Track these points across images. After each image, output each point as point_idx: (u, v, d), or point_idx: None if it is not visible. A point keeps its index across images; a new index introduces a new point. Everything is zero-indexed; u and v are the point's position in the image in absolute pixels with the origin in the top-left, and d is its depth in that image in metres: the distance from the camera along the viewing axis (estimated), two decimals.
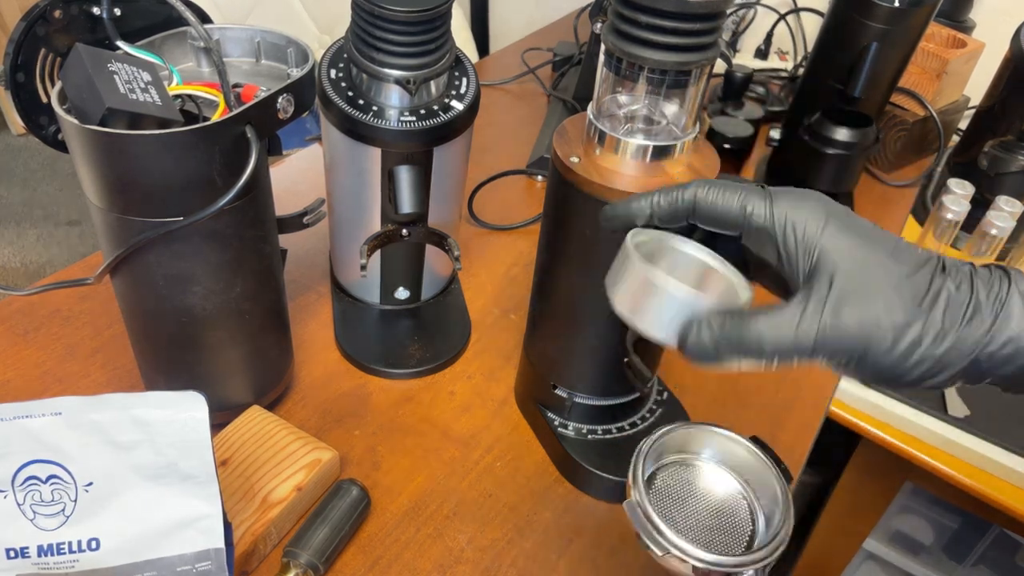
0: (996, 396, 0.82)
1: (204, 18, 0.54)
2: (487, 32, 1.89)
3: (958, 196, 0.90)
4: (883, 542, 1.11)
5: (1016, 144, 0.95)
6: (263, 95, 0.50)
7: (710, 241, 0.40)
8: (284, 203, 0.59)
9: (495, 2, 1.86)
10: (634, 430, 0.65)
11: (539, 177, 1.04)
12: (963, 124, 1.17)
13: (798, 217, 0.35)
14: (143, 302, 0.55)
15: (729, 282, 0.39)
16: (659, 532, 0.37)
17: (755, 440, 0.40)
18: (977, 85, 1.09)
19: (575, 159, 0.52)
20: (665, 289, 0.35)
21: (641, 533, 0.37)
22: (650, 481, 0.41)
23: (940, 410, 0.80)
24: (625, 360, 0.55)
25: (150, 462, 0.46)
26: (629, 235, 0.39)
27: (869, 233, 0.34)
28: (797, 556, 1.21)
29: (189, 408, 0.46)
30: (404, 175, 0.64)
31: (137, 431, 0.46)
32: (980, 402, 0.81)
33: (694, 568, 0.36)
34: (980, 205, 0.91)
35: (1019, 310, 0.31)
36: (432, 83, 0.62)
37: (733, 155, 1.04)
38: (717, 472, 0.42)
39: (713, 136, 1.03)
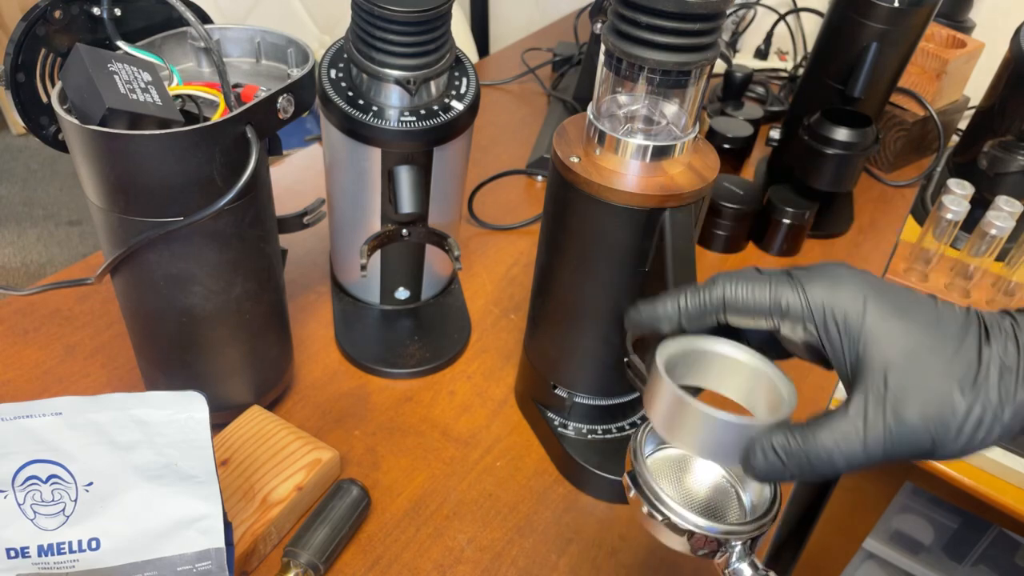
0: None
1: (204, 18, 0.54)
2: (487, 32, 1.89)
3: (958, 196, 0.90)
4: (883, 542, 1.11)
5: (1016, 144, 0.95)
6: (263, 95, 0.50)
7: (737, 332, 0.39)
8: (284, 203, 0.59)
9: (495, 2, 1.86)
10: (634, 430, 0.65)
11: (539, 177, 1.04)
12: (963, 124, 1.17)
13: (836, 304, 0.34)
14: (143, 302, 0.55)
15: (770, 380, 0.38)
16: (658, 499, 0.37)
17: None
18: (977, 85, 1.09)
19: (575, 159, 0.52)
20: (712, 417, 0.34)
21: (642, 500, 0.38)
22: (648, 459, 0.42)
23: None
24: (625, 360, 0.55)
25: (150, 462, 0.46)
26: (658, 355, 0.38)
27: (909, 308, 0.33)
28: (797, 555, 1.21)
29: (189, 408, 0.46)
30: (404, 175, 0.64)
31: (137, 431, 0.46)
32: None
33: (690, 534, 0.36)
34: (980, 205, 0.91)
35: None
36: (432, 83, 0.62)
37: (733, 155, 1.05)
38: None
39: (713, 136, 1.03)
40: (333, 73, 0.63)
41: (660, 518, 0.37)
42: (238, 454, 0.59)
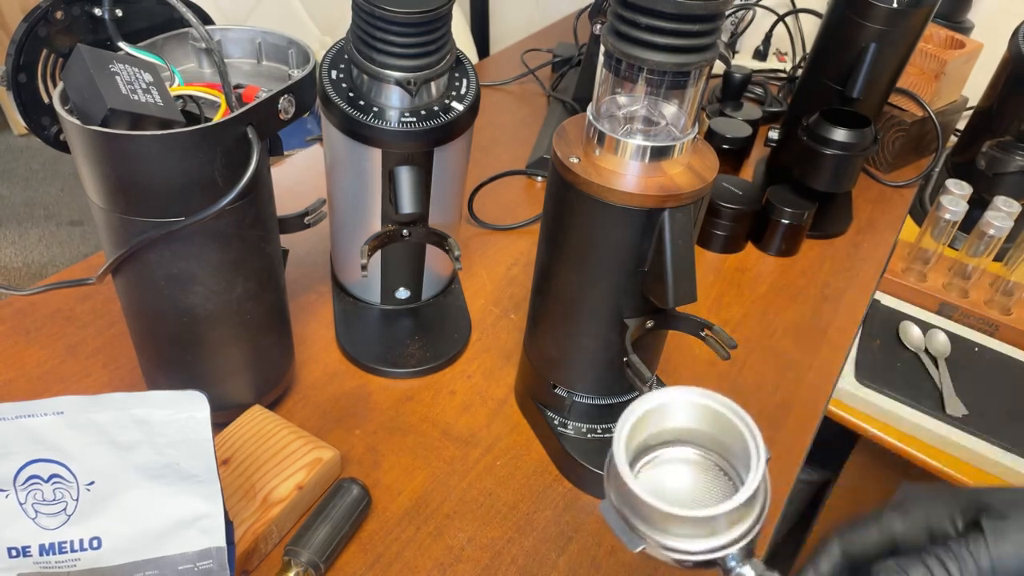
0: (994, 396, 0.82)
1: (205, 19, 0.54)
2: (487, 33, 1.89)
3: (956, 196, 0.90)
4: None
5: (1014, 144, 0.95)
6: (264, 96, 0.50)
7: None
8: (285, 203, 0.59)
9: (495, 3, 1.86)
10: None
11: (539, 177, 1.04)
12: (961, 124, 1.17)
13: None
14: (145, 302, 0.55)
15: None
16: (634, 530, 0.36)
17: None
18: (975, 86, 1.09)
19: (575, 159, 0.52)
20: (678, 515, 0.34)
21: (618, 532, 0.36)
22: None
23: (938, 409, 0.80)
24: (625, 360, 0.56)
25: (151, 461, 0.46)
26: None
27: None
28: (796, 554, 1.21)
29: (190, 408, 0.46)
30: (404, 175, 0.64)
31: (138, 431, 0.46)
32: (978, 402, 0.81)
33: (676, 560, 0.35)
34: (978, 205, 0.92)
35: None
36: (432, 84, 0.62)
37: (732, 155, 1.05)
38: (695, 464, 0.40)
39: (712, 137, 1.03)
40: (334, 74, 0.63)
41: (638, 549, 0.35)
42: (239, 453, 0.59)
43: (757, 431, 0.36)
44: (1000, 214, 0.87)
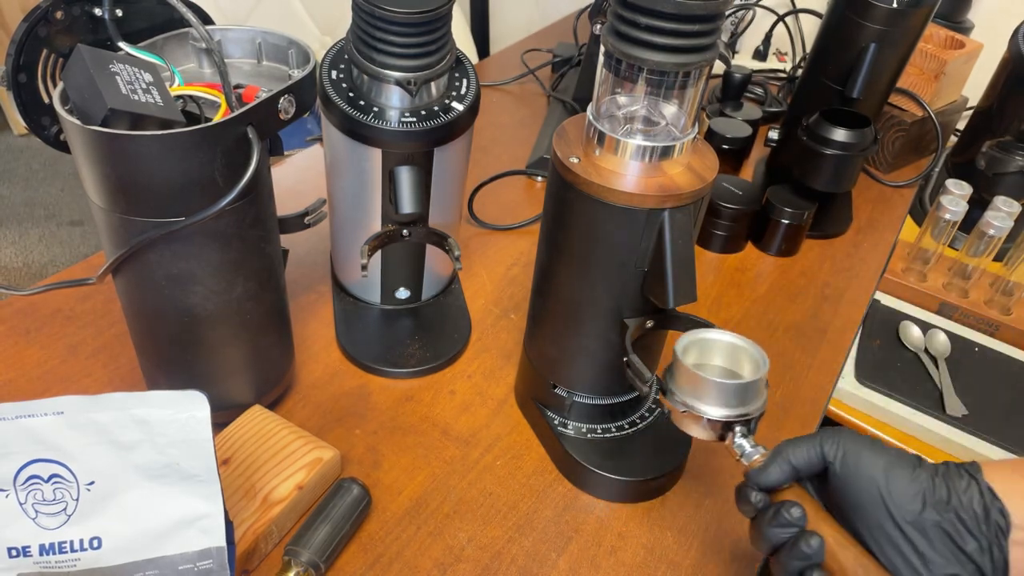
0: (994, 396, 0.82)
1: (205, 19, 0.54)
2: (487, 33, 1.89)
3: (956, 196, 0.90)
4: None
5: (1014, 144, 0.95)
6: (264, 96, 0.50)
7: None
8: (285, 203, 0.59)
9: (495, 3, 1.86)
10: (633, 429, 0.65)
11: (539, 177, 1.04)
12: (961, 124, 1.17)
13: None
14: (145, 302, 0.55)
15: (749, 352, 0.52)
16: (680, 400, 0.51)
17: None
18: (975, 86, 1.09)
19: (575, 159, 0.52)
20: (715, 382, 0.49)
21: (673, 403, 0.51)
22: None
23: (938, 409, 0.80)
24: (625, 360, 0.56)
25: (152, 461, 0.46)
26: (676, 346, 0.52)
27: None
28: None
29: (190, 408, 0.46)
30: (405, 175, 0.64)
31: (138, 430, 0.46)
32: (978, 402, 0.81)
33: (705, 421, 0.50)
34: (978, 205, 0.92)
35: None
36: (432, 84, 0.62)
37: (732, 155, 1.05)
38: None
39: (712, 137, 1.03)
40: (334, 74, 0.63)
41: (682, 410, 0.51)
42: (239, 453, 0.59)
43: (764, 354, 0.51)
44: (1000, 214, 0.87)
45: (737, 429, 0.50)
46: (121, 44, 0.51)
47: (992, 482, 0.43)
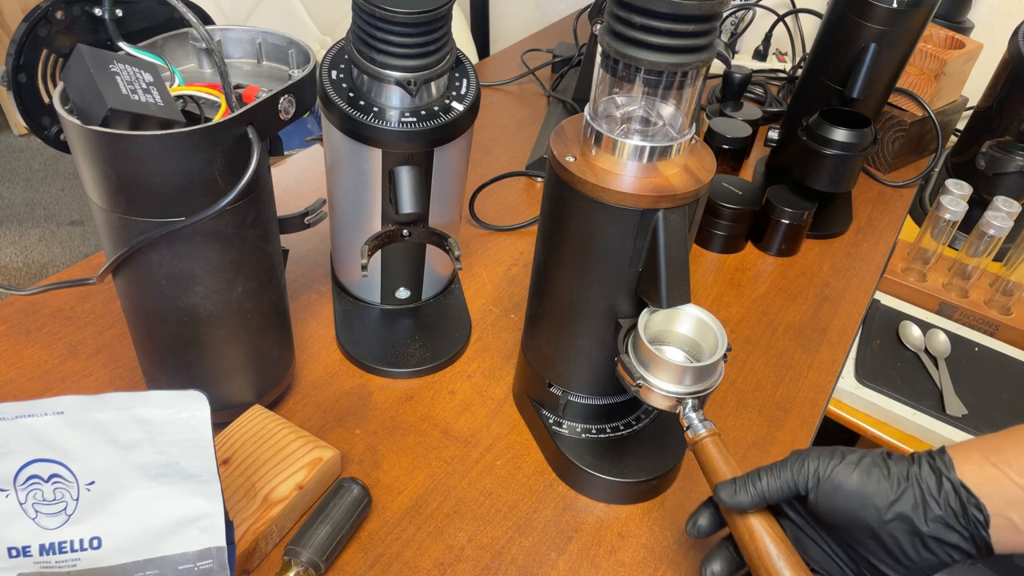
0: (994, 395, 0.82)
1: (206, 19, 0.54)
2: (487, 33, 1.89)
3: (956, 196, 0.90)
4: None
5: (1014, 144, 0.95)
6: (264, 96, 0.50)
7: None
8: (285, 203, 0.59)
9: (495, 3, 1.86)
10: (628, 431, 0.65)
11: (539, 178, 1.04)
12: (961, 124, 1.18)
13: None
14: (145, 302, 0.55)
15: (712, 329, 0.54)
16: (634, 374, 0.53)
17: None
18: (975, 86, 1.10)
19: (571, 159, 0.52)
20: (671, 362, 0.52)
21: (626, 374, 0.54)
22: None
23: (938, 409, 0.80)
24: (616, 359, 0.56)
25: (152, 461, 0.46)
26: (640, 320, 0.53)
27: None
28: None
29: (191, 407, 0.46)
30: (405, 176, 0.64)
31: (139, 430, 0.46)
32: (978, 401, 0.81)
33: (662, 393, 0.52)
34: (978, 205, 0.92)
35: None
36: (432, 84, 0.62)
37: (731, 156, 1.05)
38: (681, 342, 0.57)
39: (712, 136, 1.03)
40: (334, 74, 0.63)
41: (639, 384, 0.53)
42: (239, 453, 0.59)
43: (724, 334, 0.53)
44: (1000, 214, 0.87)
45: (688, 403, 0.52)
46: (121, 44, 0.51)
47: (963, 476, 0.44)
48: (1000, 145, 0.96)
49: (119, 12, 0.51)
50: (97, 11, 0.51)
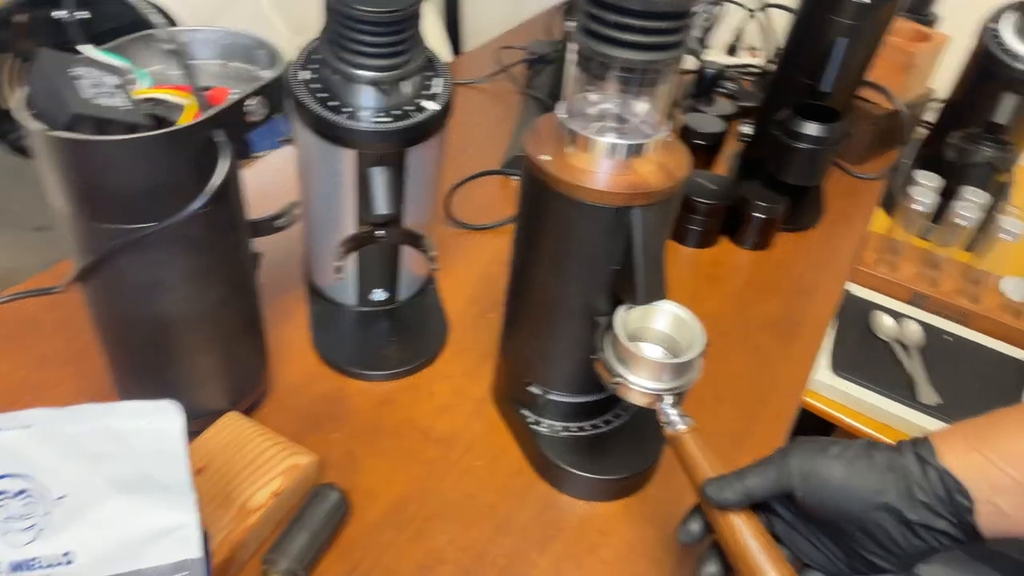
0: (967, 383, 0.84)
1: (171, 20, 0.53)
2: (458, 29, 1.88)
3: (926, 188, 0.91)
4: None
5: (982, 135, 0.97)
6: (233, 98, 0.49)
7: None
8: (257, 206, 0.59)
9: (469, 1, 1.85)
10: (608, 427, 0.66)
11: (514, 176, 1.04)
12: (929, 116, 1.19)
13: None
14: (114, 310, 0.54)
15: (689, 326, 0.54)
16: (614, 371, 0.53)
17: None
18: (942, 78, 1.11)
19: (546, 157, 0.52)
20: (649, 359, 0.52)
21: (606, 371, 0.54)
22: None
23: (912, 398, 0.81)
24: (592, 357, 0.56)
25: (124, 473, 0.45)
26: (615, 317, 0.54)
27: None
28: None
29: (164, 417, 0.45)
30: (378, 176, 0.64)
31: (111, 442, 0.45)
32: (951, 389, 0.82)
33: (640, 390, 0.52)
34: (947, 196, 0.93)
35: None
36: (405, 83, 0.62)
37: (705, 151, 1.05)
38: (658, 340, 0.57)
39: (685, 132, 1.03)
40: (305, 75, 0.62)
41: (617, 381, 0.53)
42: (215, 461, 0.58)
43: (702, 329, 0.53)
44: (969, 204, 0.89)
45: (667, 399, 0.52)
46: (85, 47, 0.50)
47: (947, 462, 0.44)
48: (968, 136, 0.98)
49: (86, 14, 0.50)
50: (59, 13, 0.50)
